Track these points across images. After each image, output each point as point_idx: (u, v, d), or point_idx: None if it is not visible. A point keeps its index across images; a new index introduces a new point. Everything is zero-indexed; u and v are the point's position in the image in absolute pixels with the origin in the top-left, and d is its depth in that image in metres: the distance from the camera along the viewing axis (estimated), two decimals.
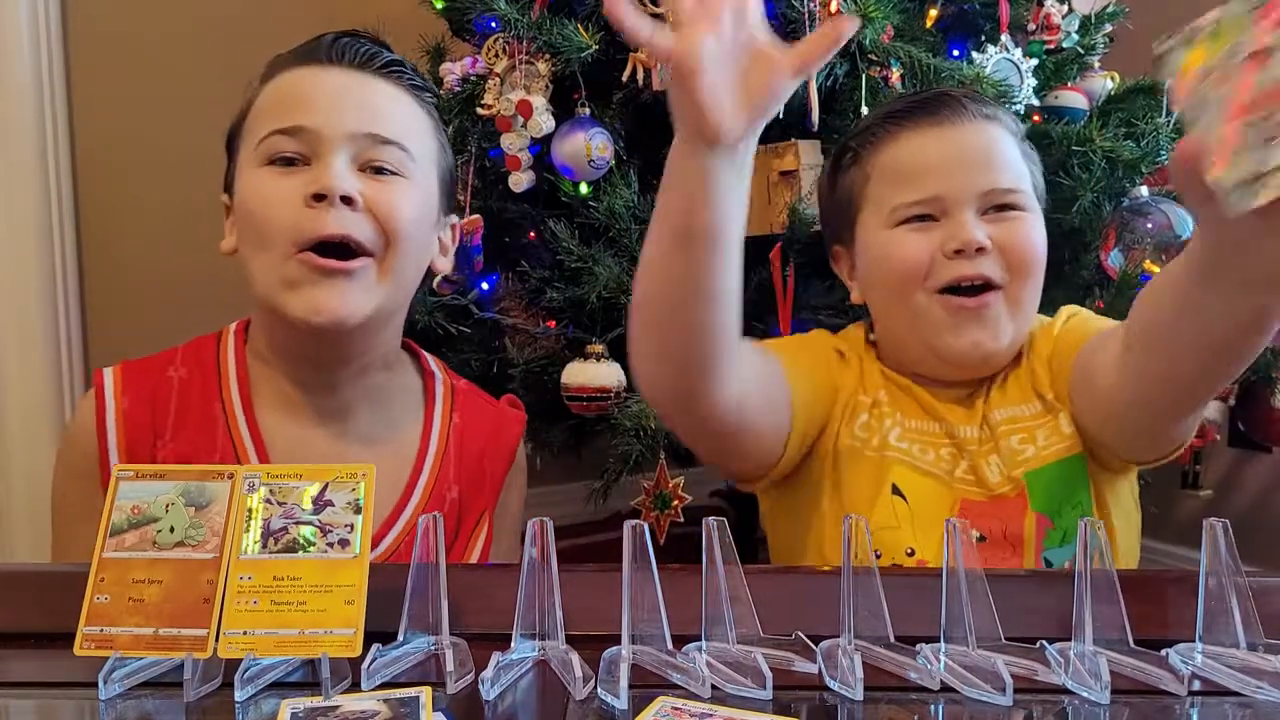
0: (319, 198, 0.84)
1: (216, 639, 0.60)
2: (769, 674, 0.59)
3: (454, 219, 1.01)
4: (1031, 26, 1.47)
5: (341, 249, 0.85)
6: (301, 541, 0.63)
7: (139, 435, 0.89)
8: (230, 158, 0.94)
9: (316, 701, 0.58)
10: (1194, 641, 0.63)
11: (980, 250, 0.90)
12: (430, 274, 0.98)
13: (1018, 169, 0.94)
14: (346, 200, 0.84)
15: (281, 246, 0.85)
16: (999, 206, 0.92)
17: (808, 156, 1.34)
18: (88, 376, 2.01)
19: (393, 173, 0.88)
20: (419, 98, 0.94)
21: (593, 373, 1.32)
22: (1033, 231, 0.93)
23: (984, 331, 0.91)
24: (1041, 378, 0.96)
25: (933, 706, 0.59)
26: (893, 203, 0.93)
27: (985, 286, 0.91)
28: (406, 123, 0.91)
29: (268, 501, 0.64)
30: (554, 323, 1.46)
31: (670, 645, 0.62)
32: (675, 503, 1.32)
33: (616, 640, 0.61)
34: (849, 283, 1.03)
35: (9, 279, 1.90)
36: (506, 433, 1.02)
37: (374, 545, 0.89)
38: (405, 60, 0.95)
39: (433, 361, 1.03)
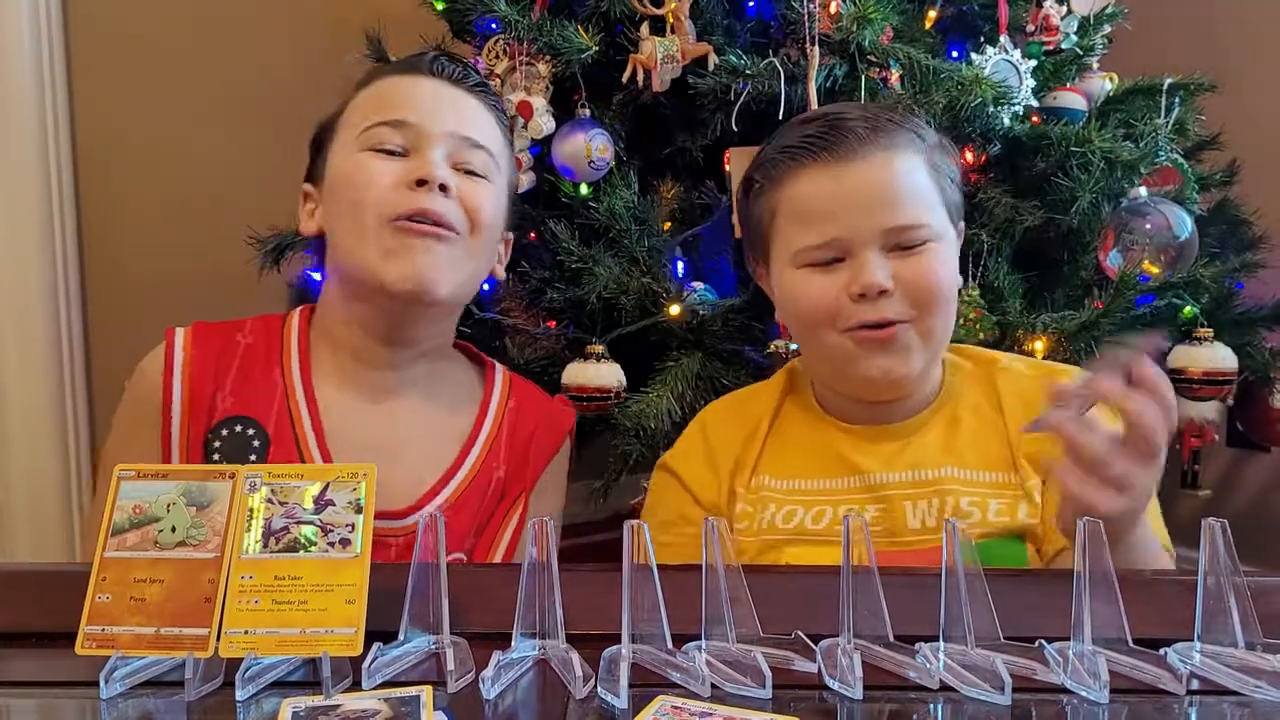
0: (421, 183, 0.92)
1: (218, 638, 0.60)
2: (768, 673, 0.59)
3: (509, 235, 1.09)
4: (1030, 28, 1.47)
5: (435, 225, 0.93)
6: (303, 541, 0.63)
7: (203, 383, 0.96)
8: (318, 152, 1.01)
9: (317, 700, 0.58)
10: (1192, 641, 0.63)
11: (883, 292, 0.90)
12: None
13: (922, 199, 0.92)
14: (443, 188, 0.93)
15: (378, 219, 0.93)
16: (902, 245, 0.91)
17: None
18: (88, 376, 2.02)
19: (480, 175, 0.98)
20: (499, 118, 1.04)
21: (593, 373, 1.32)
22: (938, 266, 0.92)
23: (893, 359, 0.92)
24: (1015, 444, 0.95)
25: (932, 706, 0.60)
26: (796, 244, 0.93)
27: (891, 323, 0.91)
28: (492, 134, 1.01)
29: (269, 501, 0.64)
30: (554, 323, 1.46)
31: (670, 644, 0.62)
32: None
33: (616, 639, 0.61)
34: (772, 298, 1.03)
35: (10, 279, 1.90)
36: (557, 425, 1.09)
37: (419, 508, 0.96)
38: (487, 82, 1.05)
39: (488, 359, 1.11)
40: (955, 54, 1.45)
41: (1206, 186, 1.57)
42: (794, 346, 1.29)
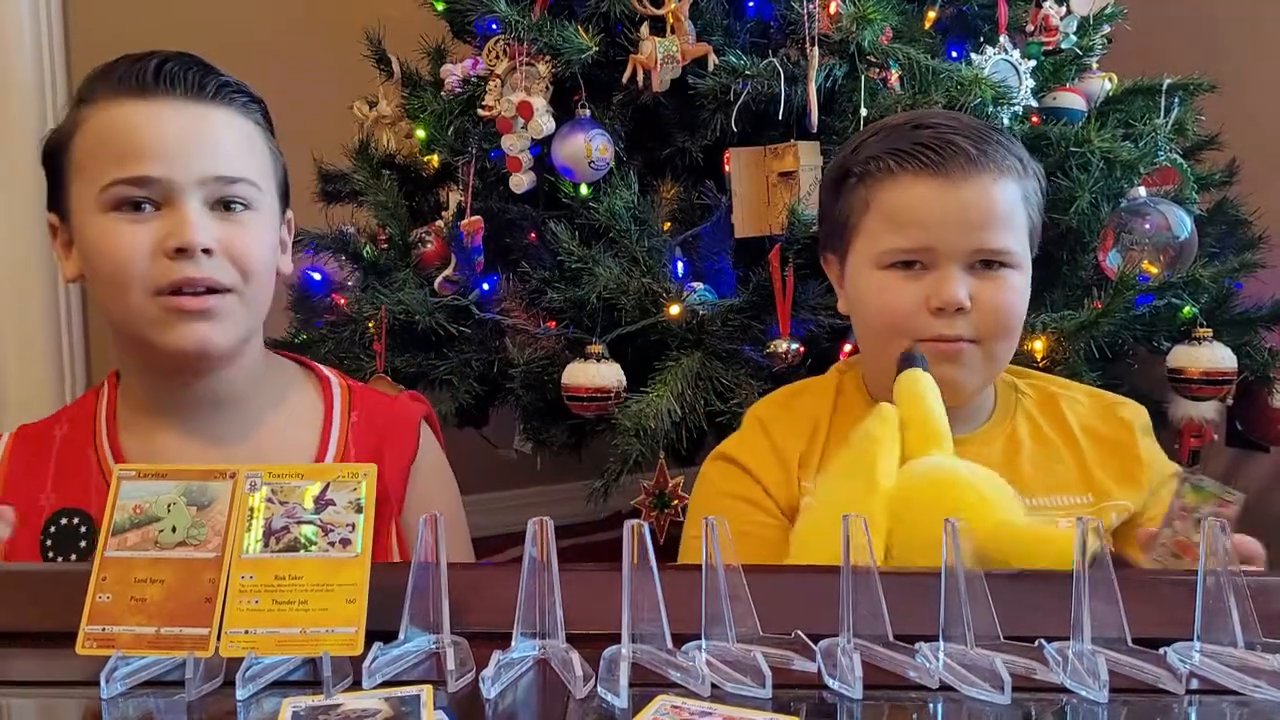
0: (180, 250, 0.86)
1: (218, 638, 0.60)
2: (768, 673, 0.59)
3: (289, 213, 1.02)
4: (1030, 28, 1.48)
5: (205, 292, 0.88)
6: (303, 541, 0.63)
7: (19, 491, 0.93)
8: (55, 177, 0.93)
9: (318, 700, 0.58)
10: (1192, 640, 0.63)
11: (960, 309, 0.92)
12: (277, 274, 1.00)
13: (1014, 225, 0.95)
14: (205, 251, 0.87)
15: (143, 292, 0.87)
16: (986, 263, 0.94)
17: (807, 158, 1.34)
18: (89, 377, 2.02)
19: (243, 207, 0.91)
20: (250, 114, 0.94)
21: (593, 373, 1.32)
22: (1014, 294, 0.95)
23: (956, 369, 0.94)
24: (1091, 471, 0.98)
25: (931, 705, 0.60)
26: (884, 244, 0.95)
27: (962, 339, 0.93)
28: (248, 151, 0.93)
29: (269, 501, 0.64)
30: (554, 323, 1.46)
31: (670, 644, 0.62)
32: (675, 503, 1.32)
33: (616, 639, 0.61)
34: (838, 289, 1.05)
35: (10, 279, 1.90)
36: (405, 422, 1.03)
37: None
38: (229, 76, 0.94)
39: (326, 369, 1.06)
40: (955, 54, 1.45)
41: (1206, 186, 1.58)
42: (794, 346, 1.30)
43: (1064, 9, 1.48)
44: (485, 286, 1.48)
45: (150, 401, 0.95)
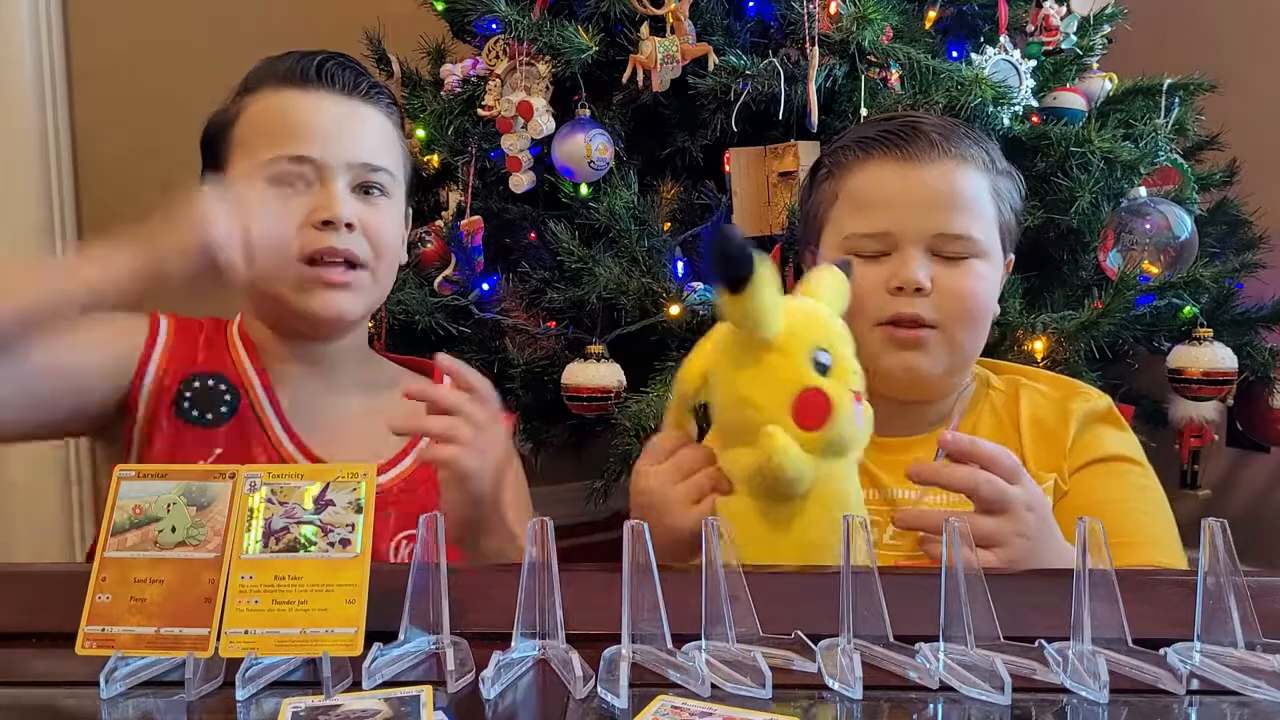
0: (327, 223, 0.96)
1: (218, 638, 0.60)
2: (768, 673, 0.59)
3: (409, 211, 1.12)
4: (1030, 28, 1.48)
5: (343, 262, 0.99)
6: (303, 541, 0.63)
7: (178, 356, 1.02)
8: (214, 158, 1.03)
9: (317, 700, 0.58)
10: (1192, 641, 0.63)
11: (919, 291, 0.92)
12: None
13: (977, 213, 0.95)
14: (349, 226, 0.97)
15: (288, 257, 0.95)
16: (947, 252, 0.94)
17: (807, 157, 1.34)
18: None
19: (381, 194, 1.02)
20: (391, 115, 1.07)
21: (593, 373, 1.33)
22: (977, 281, 0.94)
23: (916, 356, 0.94)
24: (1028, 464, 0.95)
25: (931, 705, 0.60)
26: (848, 230, 0.96)
27: (922, 324, 0.93)
28: (388, 146, 1.04)
29: (269, 501, 0.64)
30: (554, 323, 1.46)
31: (670, 644, 0.62)
32: None
33: (616, 639, 0.61)
34: None
35: None
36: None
37: (382, 473, 1.02)
38: (375, 79, 1.07)
39: (434, 367, 1.11)
40: (955, 54, 1.45)
41: (1206, 186, 1.58)
42: None
43: (1064, 9, 1.48)
44: (485, 286, 1.48)
45: (270, 350, 1.05)
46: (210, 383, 1.01)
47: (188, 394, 1.00)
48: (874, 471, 0.97)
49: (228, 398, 1.01)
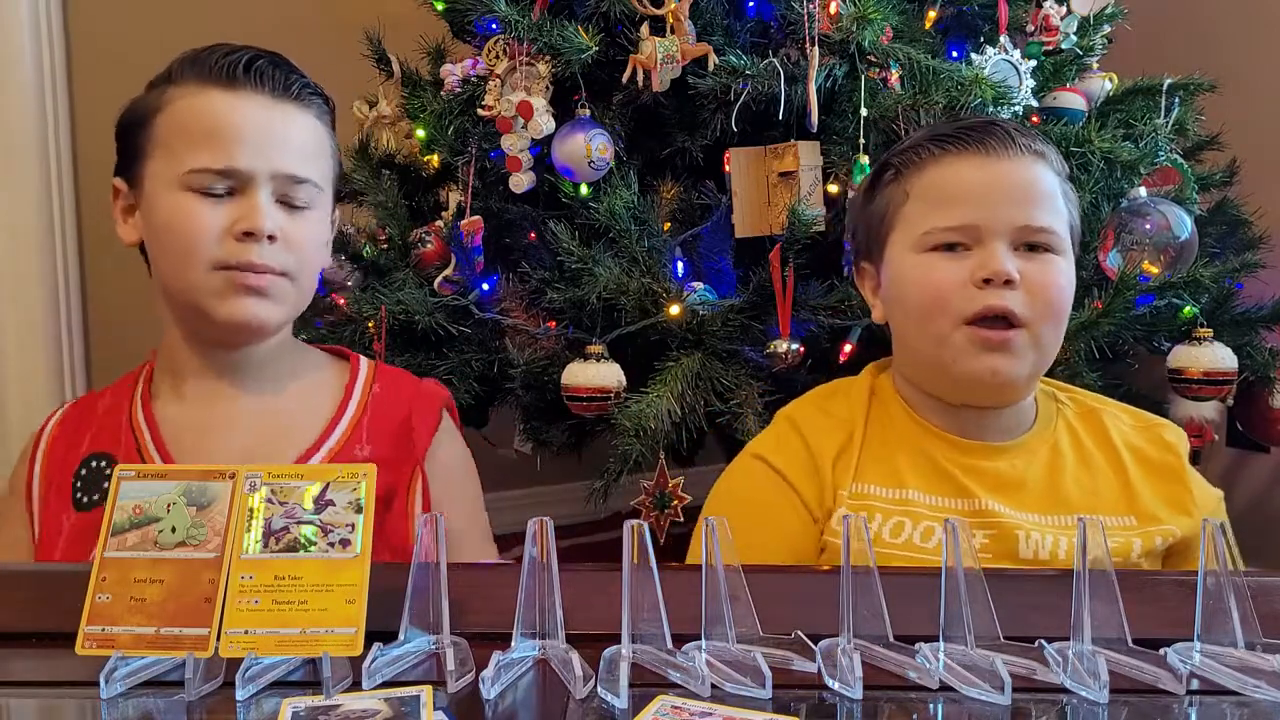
0: (248, 234, 0.94)
1: (218, 638, 0.60)
2: (768, 673, 0.59)
3: (336, 214, 1.10)
4: (1030, 28, 1.48)
5: (263, 273, 0.96)
6: (303, 541, 0.63)
7: (59, 448, 1.03)
8: (131, 148, 0.99)
9: (317, 700, 0.58)
10: (1192, 641, 0.63)
11: (1008, 283, 0.89)
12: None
13: (1056, 208, 0.93)
14: (270, 238, 0.95)
15: (206, 265, 0.95)
16: (1031, 245, 0.92)
17: (807, 158, 1.34)
18: (89, 376, 2.02)
19: (304, 207, 0.99)
20: (322, 117, 1.03)
21: (593, 373, 1.32)
22: (1060, 275, 0.92)
23: (1005, 360, 0.91)
24: (1137, 491, 0.95)
25: (931, 705, 0.60)
26: (926, 225, 0.93)
27: (1009, 323, 0.90)
28: (316, 153, 1.01)
29: (269, 501, 0.64)
30: (554, 323, 1.46)
31: (670, 644, 0.62)
32: (675, 503, 1.32)
33: (616, 639, 0.61)
34: (871, 301, 1.03)
35: (10, 279, 1.90)
36: (429, 401, 1.09)
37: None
38: (308, 79, 1.02)
39: (354, 355, 1.12)
40: (955, 54, 1.45)
41: (1206, 187, 1.58)
42: (795, 347, 1.29)
43: (1064, 9, 1.48)
44: (485, 286, 1.48)
45: (184, 365, 1.02)
46: (95, 464, 0.99)
47: (77, 484, 0.99)
48: (959, 478, 0.94)
49: (108, 472, 0.96)
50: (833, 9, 1.33)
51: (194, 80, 0.97)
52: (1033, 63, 1.41)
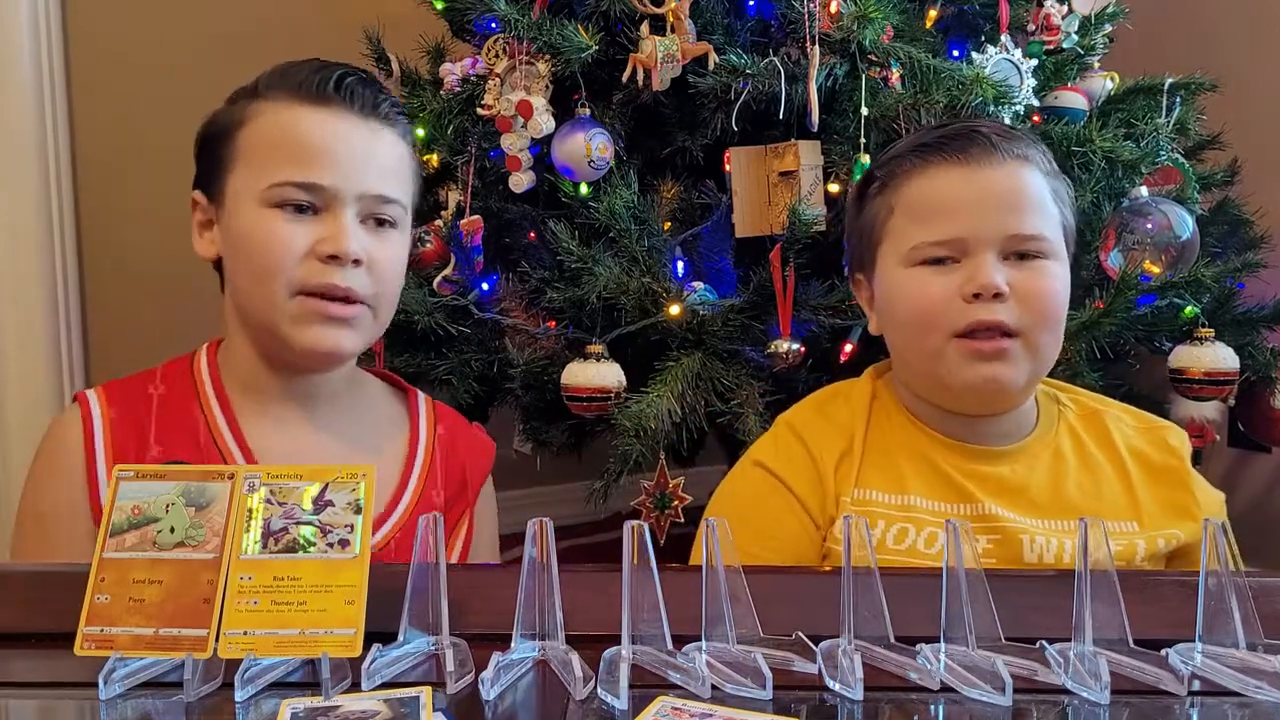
0: (333, 257, 0.91)
1: (217, 639, 0.60)
2: (769, 674, 0.59)
3: (415, 230, 1.10)
4: (1031, 27, 1.47)
5: (344, 300, 0.93)
6: (302, 542, 0.63)
7: (126, 442, 0.94)
8: (212, 160, 0.96)
9: (316, 701, 0.58)
10: (1194, 641, 0.63)
11: (998, 295, 0.88)
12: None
13: (1044, 213, 0.92)
14: (355, 261, 0.92)
15: (288, 288, 0.91)
16: (1021, 253, 0.90)
17: (807, 157, 1.34)
18: (88, 376, 2.02)
19: (391, 227, 0.96)
20: (406, 137, 1.01)
21: (593, 373, 1.32)
22: (1053, 280, 0.91)
23: (1000, 368, 0.90)
24: (1140, 495, 0.95)
25: (932, 707, 0.60)
26: (913, 240, 0.92)
27: (1003, 332, 0.89)
28: (402, 173, 0.98)
29: (268, 502, 0.64)
30: (554, 323, 1.46)
31: (670, 645, 0.62)
32: (675, 503, 1.32)
33: (616, 640, 0.61)
34: (868, 312, 1.02)
35: (10, 279, 1.90)
36: (484, 451, 1.12)
37: (375, 528, 0.97)
38: (395, 98, 1.00)
39: (407, 385, 1.11)
40: (956, 53, 1.45)
41: (1208, 186, 1.57)
42: (795, 347, 1.29)
43: (1065, 8, 1.48)
44: (485, 286, 1.48)
45: (264, 386, 0.98)
46: None
47: None
48: (962, 483, 0.94)
49: None
50: (833, 8, 1.32)
51: (283, 94, 0.94)
52: (1034, 62, 1.41)
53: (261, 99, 0.94)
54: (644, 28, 1.35)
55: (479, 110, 1.43)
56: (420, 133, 1.58)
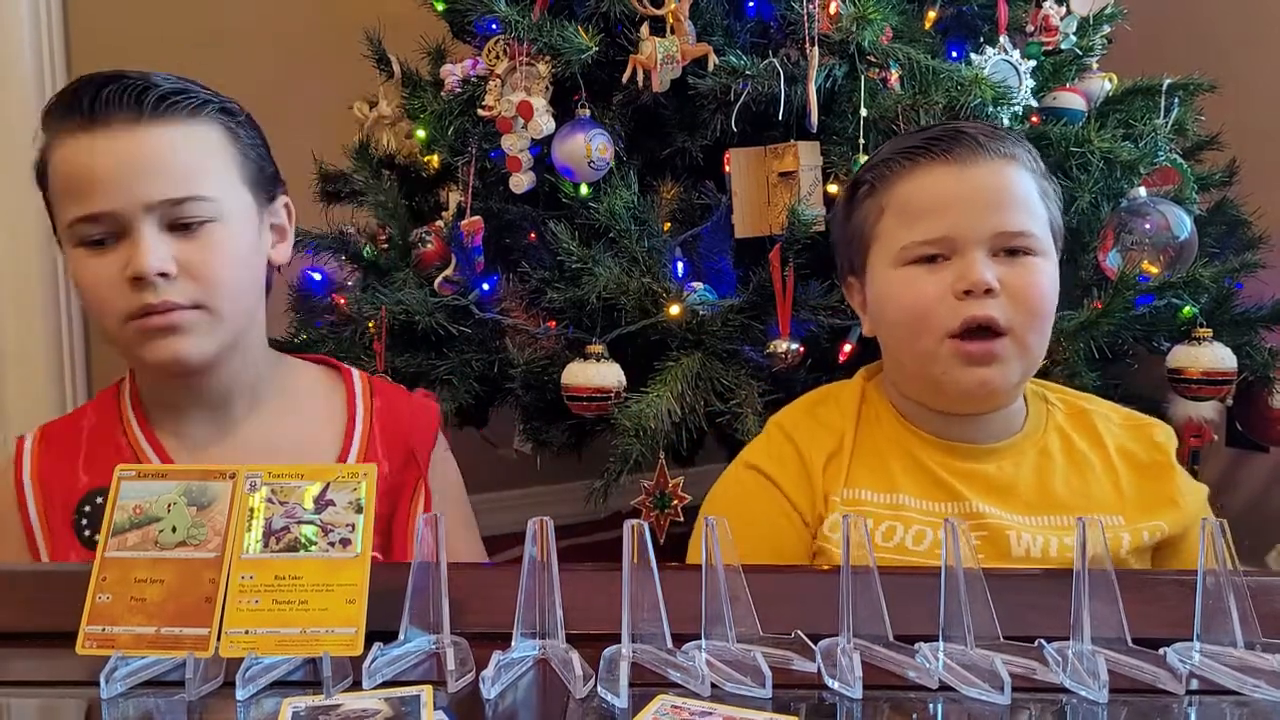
0: (136, 279, 0.88)
1: (218, 638, 0.60)
2: (768, 672, 0.59)
3: (283, 199, 1.01)
4: (1030, 28, 1.48)
5: (167, 313, 0.90)
6: (303, 541, 0.63)
7: (53, 476, 0.96)
8: (48, 204, 0.95)
9: (318, 700, 0.58)
10: (1192, 640, 0.63)
11: (989, 292, 0.89)
12: (271, 266, 1.01)
13: (1032, 210, 0.93)
14: (162, 274, 0.88)
15: (115, 321, 0.90)
16: (1010, 250, 0.91)
17: (807, 158, 1.34)
18: (89, 378, 2.02)
19: (201, 222, 0.90)
20: (197, 119, 0.92)
21: (593, 373, 1.32)
22: (1042, 276, 0.92)
23: (992, 371, 0.91)
24: (1126, 492, 0.96)
25: (931, 705, 0.60)
26: (903, 240, 0.93)
27: (993, 333, 0.90)
28: (196, 163, 0.91)
29: (269, 501, 0.64)
30: (554, 323, 1.46)
31: (670, 644, 0.62)
32: (675, 503, 1.32)
33: (616, 639, 0.61)
34: (861, 314, 1.03)
35: (10, 279, 1.90)
36: (427, 416, 1.09)
37: None
38: (172, 84, 0.91)
39: (343, 366, 1.09)
40: (955, 54, 1.45)
41: (1206, 187, 1.58)
42: (794, 347, 1.30)
43: (1064, 9, 1.48)
44: (485, 286, 1.48)
45: (172, 396, 0.98)
46: (100, 500, 0.93)
47: (84, 522, 0.94)
48: (949, 482, 0.95)
49: None
50: (832, 9, 1.33)
51: (57, 128, 0.91)
52: (1032, 63, 1.41)
53: (47, 135, 0.93)
54: (644, 29, 1.36)
55: (479, 111, 1.43)
56: (421, 134, 1.59)
